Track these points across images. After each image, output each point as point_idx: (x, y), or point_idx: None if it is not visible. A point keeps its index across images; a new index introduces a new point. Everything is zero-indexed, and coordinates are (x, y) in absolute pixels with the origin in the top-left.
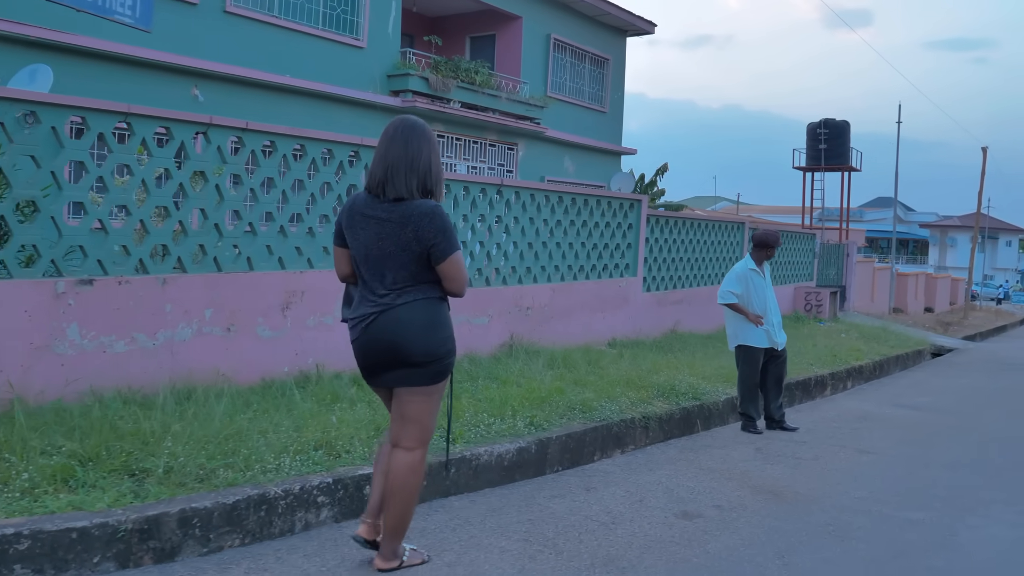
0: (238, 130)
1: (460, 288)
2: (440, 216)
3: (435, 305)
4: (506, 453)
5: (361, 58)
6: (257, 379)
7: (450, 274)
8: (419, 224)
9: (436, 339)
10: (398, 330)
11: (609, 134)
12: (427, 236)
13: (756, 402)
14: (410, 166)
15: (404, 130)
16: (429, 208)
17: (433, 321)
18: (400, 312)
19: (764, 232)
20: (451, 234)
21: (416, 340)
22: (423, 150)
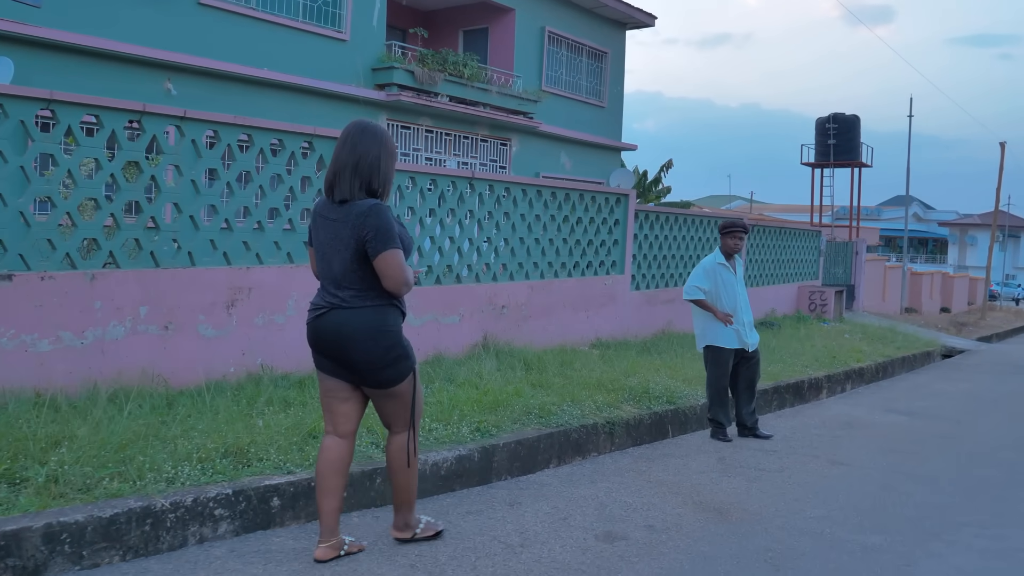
0: (175, 118)
1: (396, 287)
2: (376, 214)
3: (380, 312)
4: (443, 462)
5: (344, 51)
6: (199, 380)
7: (384, 271)
8: (356, 222)
9: (378, 348)
10: (340, 334)
11: (608, 129)
12: (362, 233)
13: (725, 407)
14: (355, 168)
15: (355, 133)
16: (367, 206)
17: (374, 330)
18: (343, 315)
19: (728, 219)
20: (387, 231)
21: (358, 348)
22: (370, 152)
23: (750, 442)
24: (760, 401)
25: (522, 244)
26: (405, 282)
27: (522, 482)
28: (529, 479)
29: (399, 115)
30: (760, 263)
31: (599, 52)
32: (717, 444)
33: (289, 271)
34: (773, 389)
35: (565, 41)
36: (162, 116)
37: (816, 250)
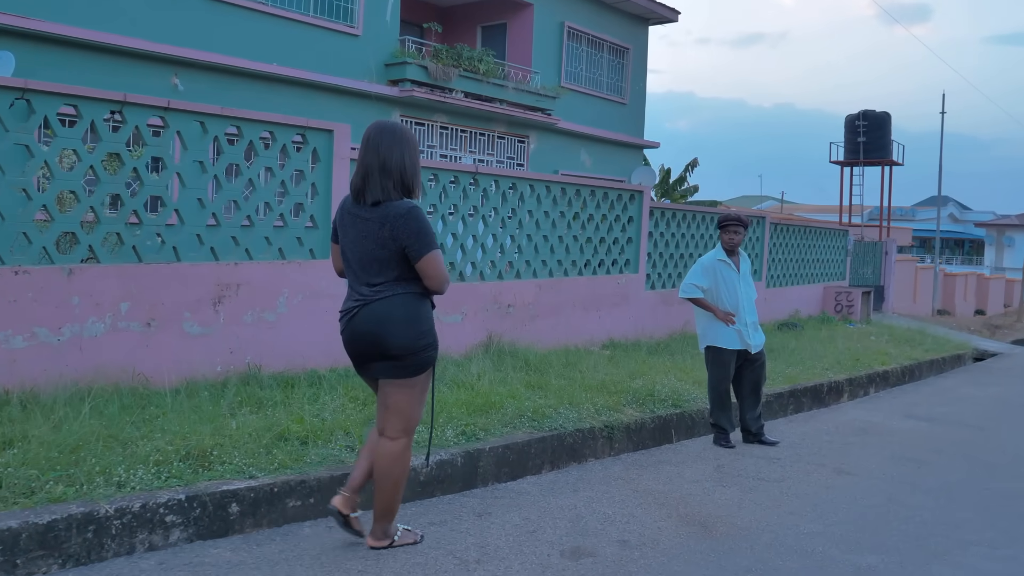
0: (159, 109)
1: (438, 286)
2: (414, 217)
3: (414, 300)
4: (420, 467)
5: (357, 47)
6: (184, 379)
7: (427, 272)
8: (395, 224)
9: (413, 333)
10: (377, 323)
11: (630, 126)
12: (402, 236)
13: (728, 412)
14: (382, 169)
15: (376, 135)
16: (405, 209)
17: (410, 315)
18: (378, 306)
19: (725, 213)
20: (426, 235)
21: (393, 333)
22: (394, 151)
23: (754, 449)
24: (775, 405)
25: (530, 241)
26: (445, 280)
27: (500, 490)
28: (509, 487)
29: (413, 111)
30: (783, 263)
31: (621, 48)
32: (718, 451)
33: (280, 267)
34: (789, 393)
35: (585, 37)
36: (144, 107)
37: (843, 250)
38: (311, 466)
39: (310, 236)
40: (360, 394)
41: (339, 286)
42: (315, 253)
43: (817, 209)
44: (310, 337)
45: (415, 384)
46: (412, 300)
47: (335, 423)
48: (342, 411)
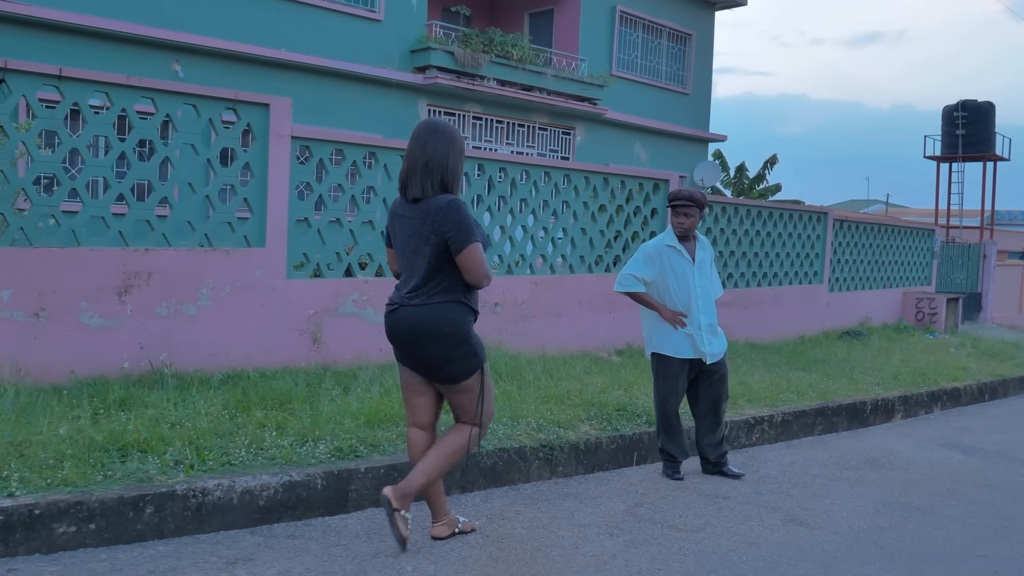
0: (51, 78)
1: (477, 280)
2: (456, 209)
3: (452, 308)
4: (261, 489)
5: (379, 32)
6: (82, 375)
7: (467, 265)
8: (436, 218)
9: (449, 343)
10: (412, 331)
11: (693, 118)
12: (443, 228)
13: (676, 436)
14: (425, 167)
15: (423, 132)
16: (446, 202)
17: (444, 328)
18: (413, 313)
19: (676, 190)
20: (469, 226)
21: (430, 343)
22: (439, 150)
23: (705, 483)
24: (795, 426)
25: (524, 233)
26: (486, 275)
27: (316, 525)
28: (326, 522)
29: (441, 100)
30: (852, 264)
31: (682, 34)
32: (659, 484)
33: (203, 255)
34: (817, 411)
35: (641, 22)
36: (32, 74)
37: (928, 252)
38: (108, 483)
39: (243, 221)
40: (240, 400)
41: (276, 279)
42: (250, 240)
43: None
44: (238, 334)
45: (466, 388)
46: (448, 309)
47: (183, 433)
48: (206, 419)
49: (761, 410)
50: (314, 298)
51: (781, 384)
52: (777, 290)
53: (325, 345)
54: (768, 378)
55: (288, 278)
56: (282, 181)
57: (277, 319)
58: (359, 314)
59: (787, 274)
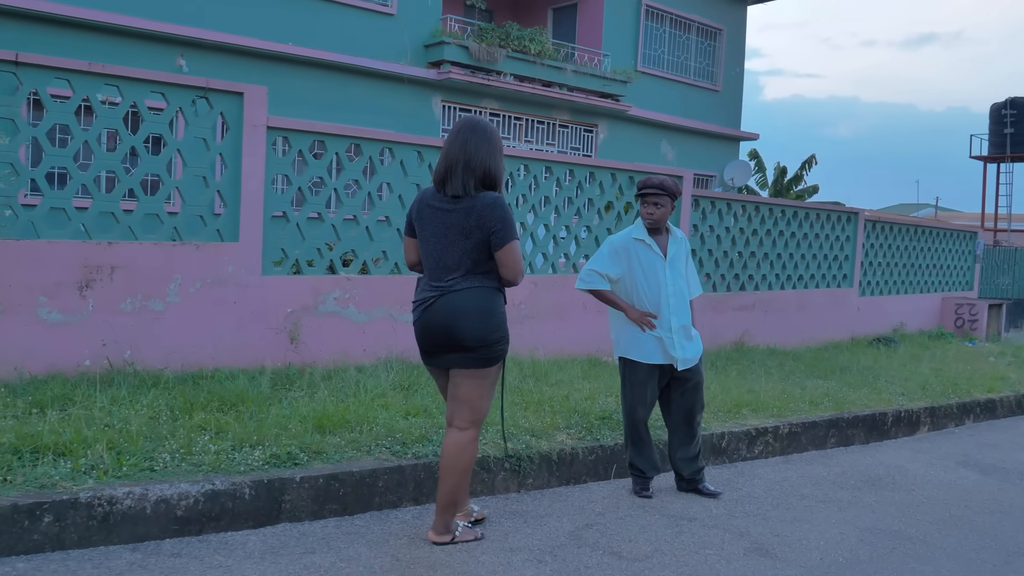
0: (8, 63)
1: (514, 276)
2: (501, 206)
3: (489, 293)
4: (178, 498)
5: (392, 27)
6: (39, 371)
7: (506, 261)
8: (481, 213)
9: (488, 325)
10: (453, 314)
11: (723, 116)
12: (488, 223)
13: (645, 450)
14: (466, 166)
15: (464, 131)
16: (491, 199)
17: (486, 308)
18: (455, 298)
19: (647, 178)
20: (511, 223)
21: (468, 325)
22: (480, 150)
23: (675, 502)
24: (804, 438)
25: (523, 231)
26: (521, 272)
27: (216, 542)
28: (230, 538)
29: (456, 96)
30: (886, 268)
31: (712, 29)
32: (622, 502)
33: (170, 249)
34: (830, 422)
35: (668, 16)
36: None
37: (969, 255)
38: (7, 488)
39: (217, 215)
40: (187, 401)
41: (250, 275)
42: (223, 234)
43: (977, 217)
44: (209, 332)
45: (486, 375)
46: (488, 293)
47: (109, 435)
48: (142, 420)
49: (766, 420)
50: (292, 296)
51: (794, 393)
52: (802, 293)
53: (303, 345)
54: (780, 386)
55: (264, 274)
56: (257, 173)
57: (251, 317)
58: (341, 313)
59: (813, 277)
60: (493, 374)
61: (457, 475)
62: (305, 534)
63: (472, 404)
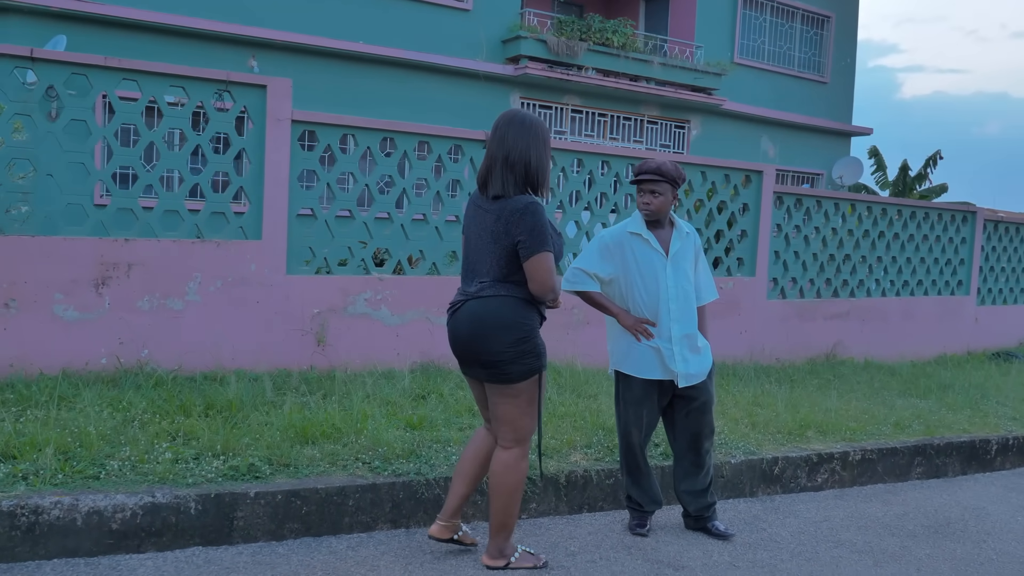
0: (23, 59)
1: (542, 291)
2: (532, 213)
3: (515, 304)
4: (113, 510)
5: (467, 23)
6: (55, 369)
7: (533, 274)
8: (510, 219)
9: (508, 339)
10: (473, 323)
11: (832, 110)
12: (516, 231)
13: (642, 479)
14: (505, 162)
15: (503, 125)
16: (523, 204)
17: (507, 320)
18: (476, 305)
19: (644, 163)
20: (541, 233)
21: (487, 338)
22: (519, 145)
23: (673, 544)
24: (881, 467)
25: (578, 229)
26: (552, 288)
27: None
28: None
29: (535, 92)
30: (1011, 274)
31: (819, 16)
32: (607, 540)
33: (189, 247)
34: (915, 449)
35: (769, 4)
36: (6, 56)
37: None
38: None
39: (238, 211)
40: (169, 404)
41: (274, 274)
42: (247, 232)
43: None
44: (230, 332)
45: (518, 393)
46: (513, 304)
47: (64, 437)
48: (109, 422)
49: (832, 445)
50: (319, 296)
51: (877, 413)
52: (907, 301)
53: (331, 347)
54: (862, 405)
55: (289, 273)
56: (281, 168)
57: (275, 317)
58: (372, 315)
59: (921, 283)
60: (527, 391)
61: (505, 496)
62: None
63: (512, 423)
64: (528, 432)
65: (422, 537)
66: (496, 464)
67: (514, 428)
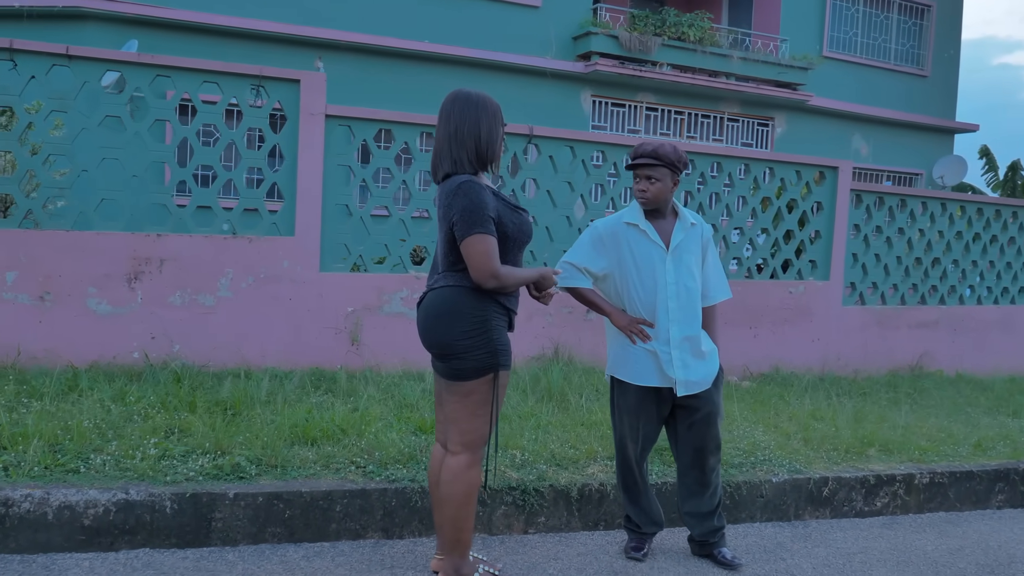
0: (59, 57)
1: (479, 277)
2: (466, 192)
3: (461, 293)
4: (85, 505)
5: (536, 19)
6: (87, 361)
7: (467, 259)
8: (446, 201)
9: (454, 331)
10: (425, 315)
11: (932, 105)
12: (451, 213)
13: (641, 497)
14: (454, 138)
15: (448, 104)
16: (457, 183)
17: (451, 309)
18: (429, 297)
19: (640, 146)
20: (475, 213)
21: (434, 329)
22: (467, 117)
23: (672, 571)
24: (964, 489)
25: None
26: (490, 273)
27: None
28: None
29: (607, 90)
30: None
31: (918, 6)
32: (595, 565)
33: (221, 243)
34: (996, 473)
35: None
36: (41, 54)
37: None
38: None
39: (271, 207)
40: (175, 399)
41: (307, 271)
42: (280, 229)
43: None
44: (261, 329)
45: (469, 392)
46: (460, 293)
47: (54, 429)
48: (107, 416)
49: (897, 466)
50: (353, 294)
51: (956, 432)
52: (1007, 310)
53: (365, 347)
54: (939, 422)
55: (322, 271)
56: (314, 164)
57: (308, 315)
58: (408, 314)
59: (1022, 290)
60: (479, 390)
61: (452, 507)
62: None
63: (459, 424)
64: (479, 438)
65: (404, 548)
66: (444, 471)
67: (462, 431)
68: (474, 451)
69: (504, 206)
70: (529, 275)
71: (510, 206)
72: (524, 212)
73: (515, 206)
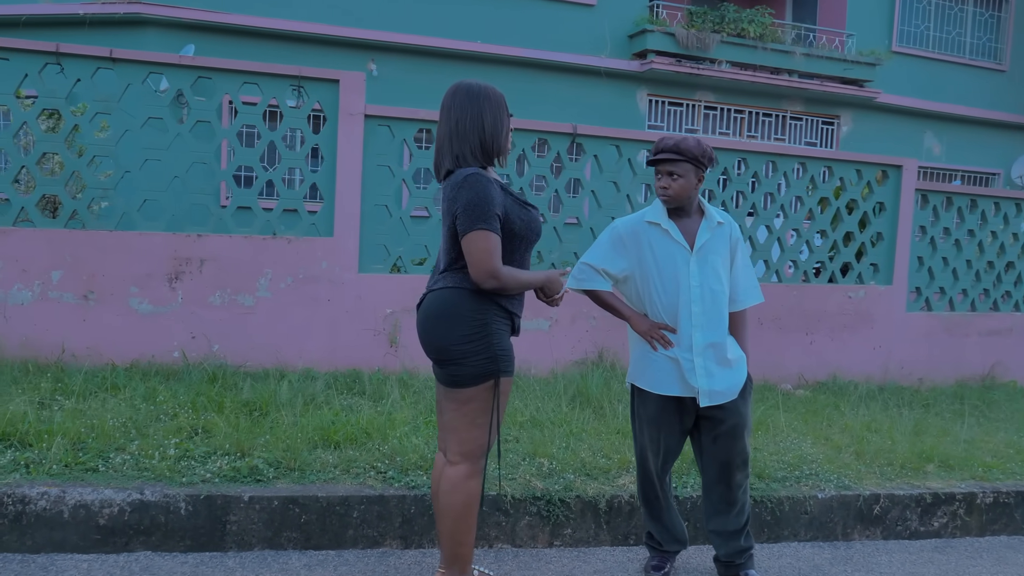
0: (103, 60)
1: (478, 275)
2: (471, 185)
3: (460, 295)
4: (100, 505)
5: (590, 18)
6: (129, 360)
7: (467, 255)
8: (450, 195)
9: (453, 334)
10: (422, 317)
11: (1011, 101)
12: (454, 206)
13: (664, 513)
14: (455, 133)
15: (448, 98)
16: (461, 176)
17: (450, 312)
18: (428, 299)
19: (663, 137)
20: (478, 207)
21: (432, 332)
22: (469, 110)
23: None
24: (1001, 520)
25: None
26: (490, 272)
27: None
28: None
29: (664, 89)
30: None
31: None
32: None
33: (260, 243)
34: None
35: None
36: (86, 57)
37: None
38: None
39: (311, 208)
40: (207, 399)
41: (345, 272)
42: (319, 229)
43: None
44: (300, 329)
45: (468, 399)
46: (459, 295)
47: (78, 427)
48: (135, 415)
49: (956, 484)
50: (392, 295)
51: None
52: None
53: (404, 349)
54: (1008, 437)
55: (361, 272)
56: (353, 164)
57: (346, 316)
58: None
59: None
60: (478, 398)
61: (450, 519)
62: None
63: (458, 433)
64: (479, 447)
65: (412, 560)
66: (443, 482)
67: (461, 440)
68: (474, 461)
69: (512, 201)
70: (533, 279)
71: (519, 202)
72: (533, 208)
73: (524, 202)
